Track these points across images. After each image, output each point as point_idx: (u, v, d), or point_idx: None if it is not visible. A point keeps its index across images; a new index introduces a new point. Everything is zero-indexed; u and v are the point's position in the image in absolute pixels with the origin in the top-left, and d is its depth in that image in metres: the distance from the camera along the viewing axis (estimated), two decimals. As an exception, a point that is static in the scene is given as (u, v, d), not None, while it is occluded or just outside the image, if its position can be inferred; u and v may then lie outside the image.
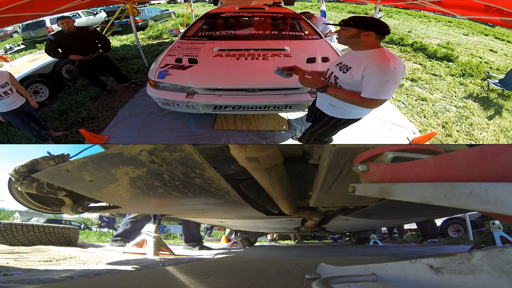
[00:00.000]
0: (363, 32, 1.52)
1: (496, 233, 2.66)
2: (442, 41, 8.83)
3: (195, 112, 2.85)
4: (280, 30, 3.78)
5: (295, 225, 2.77)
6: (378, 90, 1.49)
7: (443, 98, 4.49)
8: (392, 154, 0.66)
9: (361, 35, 1.53)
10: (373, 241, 4.79)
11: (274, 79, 2.65)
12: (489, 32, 12.41)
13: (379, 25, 1.54)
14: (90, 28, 4.00)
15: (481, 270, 0.37)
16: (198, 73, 2.72)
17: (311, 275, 0.68)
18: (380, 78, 1.47)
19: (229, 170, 1.44)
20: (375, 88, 1.49)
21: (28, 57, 5.25)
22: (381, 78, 1.47)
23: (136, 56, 6.22)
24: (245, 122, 3.31)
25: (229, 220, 2.72)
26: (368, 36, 1.52)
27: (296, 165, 1.48)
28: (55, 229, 2.99)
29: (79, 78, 4.90)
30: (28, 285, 1.12)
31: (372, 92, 1.50)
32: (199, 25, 3.81)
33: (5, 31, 12.90)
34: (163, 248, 2.67)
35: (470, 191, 0.37)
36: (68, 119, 3.74)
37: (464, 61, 6.54)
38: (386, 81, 1.47)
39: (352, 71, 1.59)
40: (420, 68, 5.87)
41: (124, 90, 4.50)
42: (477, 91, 4.98)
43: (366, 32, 1.52)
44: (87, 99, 4.19)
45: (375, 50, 1.55)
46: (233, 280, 1.24)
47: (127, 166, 1.12)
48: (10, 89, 2.76)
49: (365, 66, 1.50)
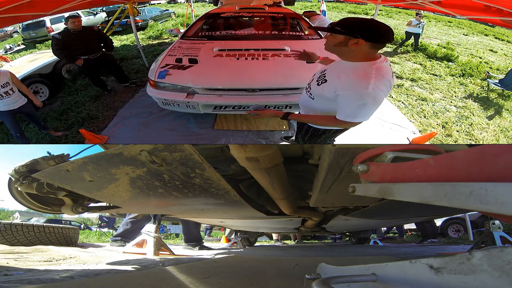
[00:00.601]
0: (351, 40, 1.22)
1: (496, 233, 2.65)
2: (442, 41, 8.83)
3: (195, 112, 2.85)
4: (280, 30, 3.78)
5: (295, 225, 2.77)
6: (354, 113, 1.31)
7: (443, 98, 4.50)
8: (392, 154, 0.66)
9: (350, 42, 1.23)
10: (373, 241, 4.79)
11: (274, 79, 2.67)
12: (489, 32, 12.41)
13: (373, 30, 1.21)
14: (94, 28, 4.05)
15: (481, 270, 0.37)
16: (198, 73, 2.72)
17: (311, 275, 0.68)
18: (357, 101, 1.27)
19: (229, 170, 1.44)
20: (352, 111, 1.31)
21: (28, 57, 5.25)
22: (358, 101, 1.27)
23: (136, 56, 6.22)
24: (245, 122, 3.31)
25: (229, 220, 2.72)
26: (358, 44, 1.22)
27: (296, 165, 1.48)
28: (55, 229, 2.99)
29: (79, 78, 4.90)
30: (28, 285, 1.12)
31: (347, 115, 1.33)
32: (199, 25, 3.81)
33: (5, 31, 12.90)
34: (163, 248, 2.66)
35: (470, 191, 0.37)
36: (68, 119, 3.74)
37: (464, 61, 6.54)
38: (363, 104, 1.27)
39: (325, 86, 1.38)
40: (420, 68, 5.87)
41: (124, 90, 4.50)
42: (477, 91, 4.98)
43: (356, 39, 1.21)
44: (87, 99, 4.19)
45: (365, 63, 1.26)
46: (233, 280, 1.24)
47: (127, 166, 1.12)
48: (11, 89, 2.74)
49: (341, 86, 1.30)
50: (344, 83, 1.28)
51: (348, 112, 1.32)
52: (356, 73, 1.26)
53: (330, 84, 1.35)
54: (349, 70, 1.29)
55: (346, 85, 1.27)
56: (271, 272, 1.41)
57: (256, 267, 1.58)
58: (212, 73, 2.73)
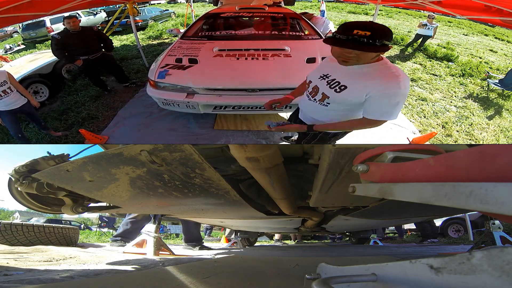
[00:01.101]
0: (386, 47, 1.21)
1: (496, 233, 2.66)
2: (442, 41, 8.83)
3: (195, 112, 2.85)
4: (280, 30, 3.78)
5: (295, 225, 2.77)
6: (387, 113, 1.31)
7: (443, 98, 4.50)
8: (392, 154, 0.66)
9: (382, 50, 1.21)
10: (373, 241, 4.79)
11: (273, 79, 2.67)
12: (489, 32, 12.41)
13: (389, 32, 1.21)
14: (94, 28, 4.05)
15: (481, 270, 0.37)
16: (198, 73, 2.72)
17: (311, 275, 0.68)
18: (390, 100, 1.27)
19: (229, 170, 1.44)
20: (385, 111, 1.31)
21: (28, 57, 5.25)
22: (392, 100, 1.27)
23: (136, 56, 6.22)
24: (245, 122, 3.31)
25: (229, 220, 2.72)
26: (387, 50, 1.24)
27: (296, 165, 1.48)
28: (55, 229, 2.99)
29: (79, 78, 4.90)
30: (28, 285, 1.12)
31: (380, 114, 1.32)
32: (199, 25, 3.81)
33: (5, 31, 12.90)
34: (163, 248, 2.66)
35: (470, 191, 0.37)
36: (68, 119, 3.74)
37: (464, 61, 6.55)
38: (397, 102, 1.28)
39: (349, 92, 1.34)
40: (420, 68, 5.87)
41: (124, 90, 4.50)
42: (477, 91, 4.98)
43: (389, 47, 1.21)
44: (87, 99, 4.19)
45: (377, 64, 1.29)
46: (233, 280, 1.24)
47: (127, 166, 1.12)
48: (9, 87, 2.75)
49: (370, 88, 1.27)
50: (374, 85, 1.27)
51: (381, 112, 1.31)
52: (381, 73, 1.27)
53: (356, 88, 1.32)
54: (368, 72, 1.29)
55: (377, 86, 1.26)
56: (271, 272, 1.41)
57: (256, 267, 1.58)
58: (212, 73, 2.73)
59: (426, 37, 7.14)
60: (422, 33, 7.12)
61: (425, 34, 7.08)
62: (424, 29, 7.06)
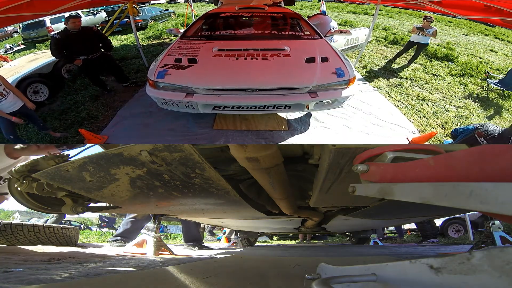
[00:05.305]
0: None
1: (496, 233, 2.66)
2: (442, 41, 8.82)
3: (194, 112, 2.84)
4: (280, 30, 3.77)
5: (295, 225, 2.78)
6: None
7: (443, 98, 4.49)
8: (392, 154, 0.66)
9: None
10: (373, 241, 4.79)
11: (273, 79, 2.67)
12: (489, 32, 12.41)
13: None
14: (93, 28, 4.06)
15: (481, 270, 0.37)
16: (198, 73, 2.72)
17: (311, 275, 0.68)
18: None
19: (229, 170, 1.44)
20: None
21: (28, 57, 5.24)
22: None
23: (136, 56, 6.21)
24: (245, 122, 3.31)
25: (229, 220, 2.72)
26: None
27: (296, 165, 1.48)
28: (55, 229, 2.99)
29: (79, 78, 4.90)
30: (28, 285, 1.12)
31: None
32: (198, 25, 3.81)
33: (5, 31, 12.88)
34: (163, 248, 2.67)
35: (470, 191, 0.37)
36: (68, 119, 3.74)
37: (464, 61, 6.54)
38: None
39: None
40: (420, 68, 5.87)
41: (124, 90, 4.50)
42: (477, 91, 4.98)
43: None
44: (87, 99, 4.19)
45: None
46: (233, 280, 1.24)
47: (127, 166, 1.12)
48: (4, 89, 2.73)
49: None
50: None
51: None
52: None
53: None
54: None
55: None
56: (271, 272, 1.41)
57: (256, 267, 1.58)
58: (211, 73, 2.73)
59: (421, 46, 5.56)
60: (416, 40, 5.49)
61: (420, 42, 5.47)
62: (418, 35, 5.43)
